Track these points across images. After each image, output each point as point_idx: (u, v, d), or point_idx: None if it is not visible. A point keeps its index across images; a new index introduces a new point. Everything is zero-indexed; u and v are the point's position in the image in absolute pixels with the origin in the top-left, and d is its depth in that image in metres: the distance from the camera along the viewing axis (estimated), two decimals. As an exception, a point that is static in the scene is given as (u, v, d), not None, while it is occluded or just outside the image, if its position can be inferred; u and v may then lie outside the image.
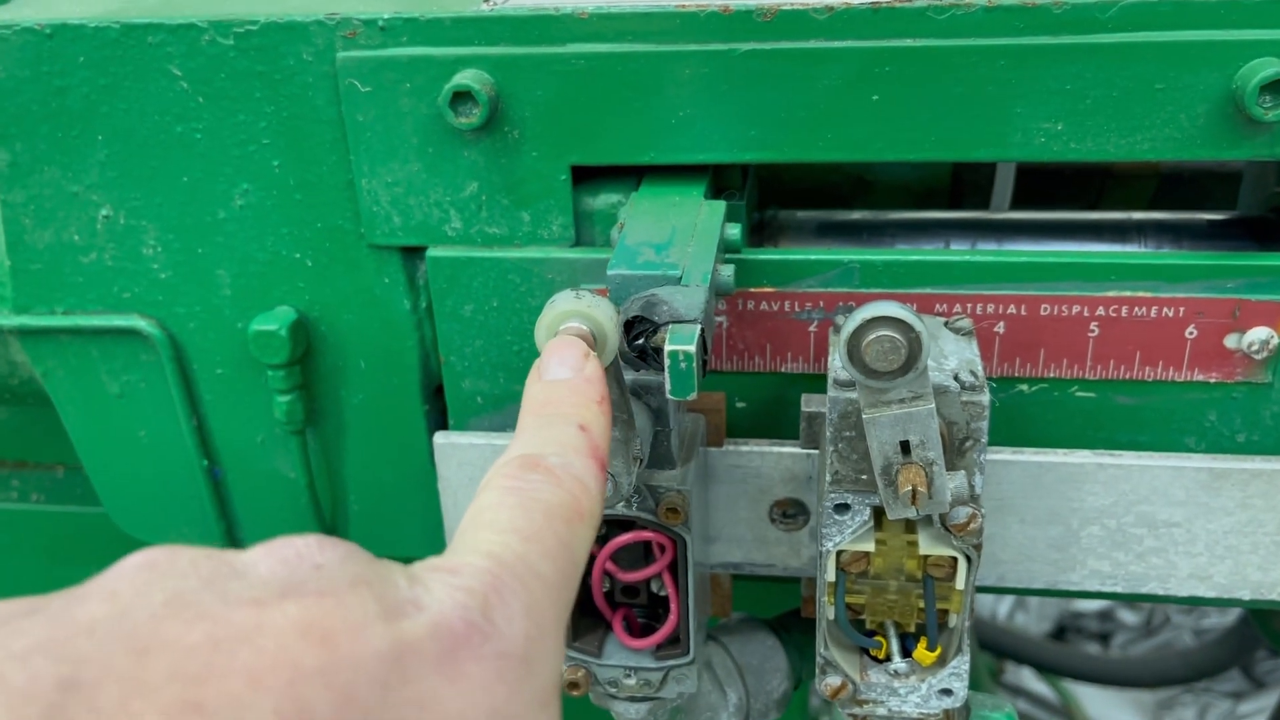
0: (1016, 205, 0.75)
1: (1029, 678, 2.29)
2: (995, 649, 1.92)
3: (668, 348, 0.40)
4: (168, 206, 0.58)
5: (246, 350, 0.60)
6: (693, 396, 0.41)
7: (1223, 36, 0.47)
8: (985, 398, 0.46)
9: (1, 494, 0.92)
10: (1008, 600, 2.52)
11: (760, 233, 0.64)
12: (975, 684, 0.57)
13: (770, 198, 0.70)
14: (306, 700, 0.27)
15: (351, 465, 0.64)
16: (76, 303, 0.61)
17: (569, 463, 0.38)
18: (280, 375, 0.59)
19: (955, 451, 0.46)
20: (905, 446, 0.43)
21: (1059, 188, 0.78)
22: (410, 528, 0.65)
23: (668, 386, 0.41)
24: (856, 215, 0.64)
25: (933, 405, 0.42)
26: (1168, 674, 1.78)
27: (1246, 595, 0.55)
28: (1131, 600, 0.58)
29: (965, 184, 0.76)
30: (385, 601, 0.30)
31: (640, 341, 0.43)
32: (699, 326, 0.41)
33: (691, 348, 0.40)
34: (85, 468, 0.67)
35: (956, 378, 0.46)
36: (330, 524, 0.66)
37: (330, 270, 0.58)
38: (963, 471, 0.45)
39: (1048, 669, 1.96)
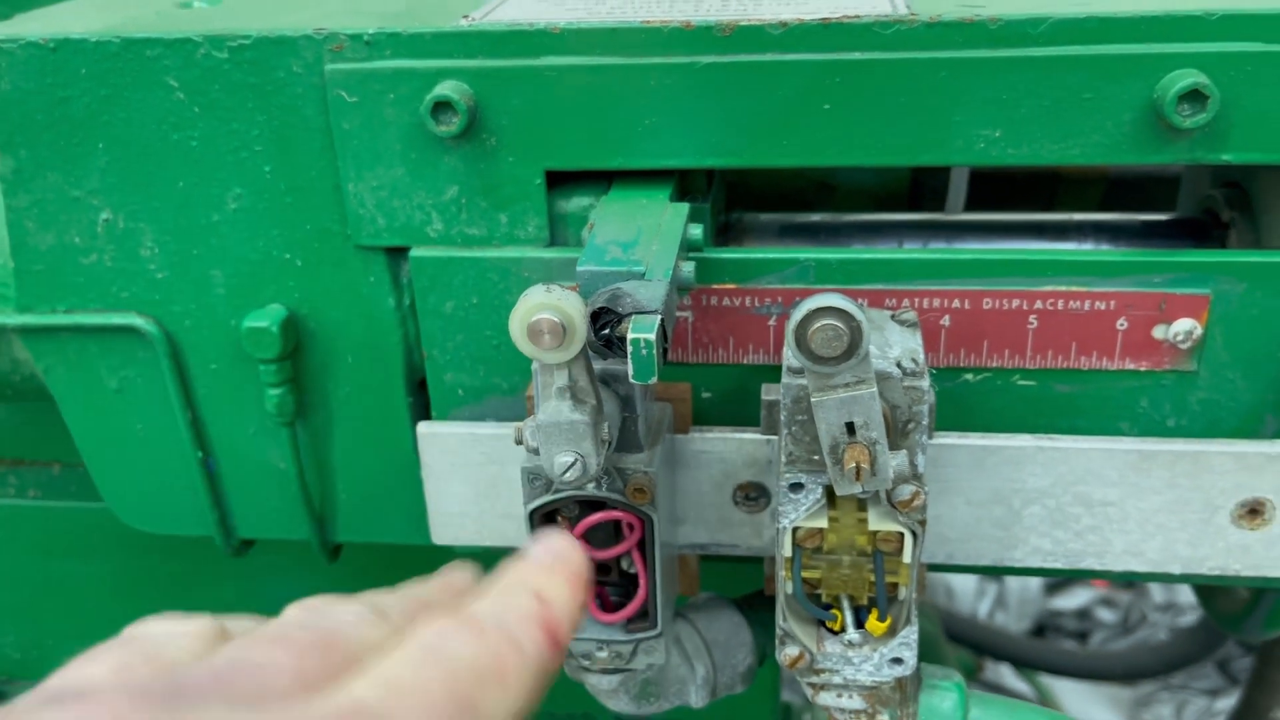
0: (973, 208, 0.80)
1: (1008, 675, 2.33)
2: (973, 645, 1.96)
3: (630, 336, 0.44)
4: (164, 210, 0.61)
5: (239, 346, 0.63)
6: (653, 381, 0.45)
7: (1144, 50, 0.51)
8: (925, 383, 0.49)
9: (-1, 490, 0.95)
10: (988, 598, 2.56)
11: (726, 234, 0.67)
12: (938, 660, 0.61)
13: (738, 201, 0.74)
14: None
15: (339, 455, 0.67)
16: (77, 302, 0.64)
17: (504, 623, 0.36)
18: (271, 370, 0.63)
19: (898, 433, 0.50)
20: (850, 428, 0.47)
21: (1014, 191, 0.82)
22: (396, 514, 0.68)
23: (630, 372, 0.45)
24: (816, 217, 0.68)
25: (875, 389, 0.46)
26: (1139, 667, 1.83)
27: (1177, 570, 0.58)
28: (1072, 576, 0.62)
29: (924, 188, 0.80)
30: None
31: (606, 331, 0.46)
32: (659, 317, 0.45)
33: (651, 335, 0.44)
34: (85, 460, 0.70)
35: (899, 365, 0.49)
36: (319, 512, 0.69)
37: (319, 270, 0.62)
38: (905, 451, 0.49)
39: (1024, 664, 2.00)
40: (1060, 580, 2.53)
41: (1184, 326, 0.55)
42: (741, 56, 0.54)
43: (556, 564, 0.40)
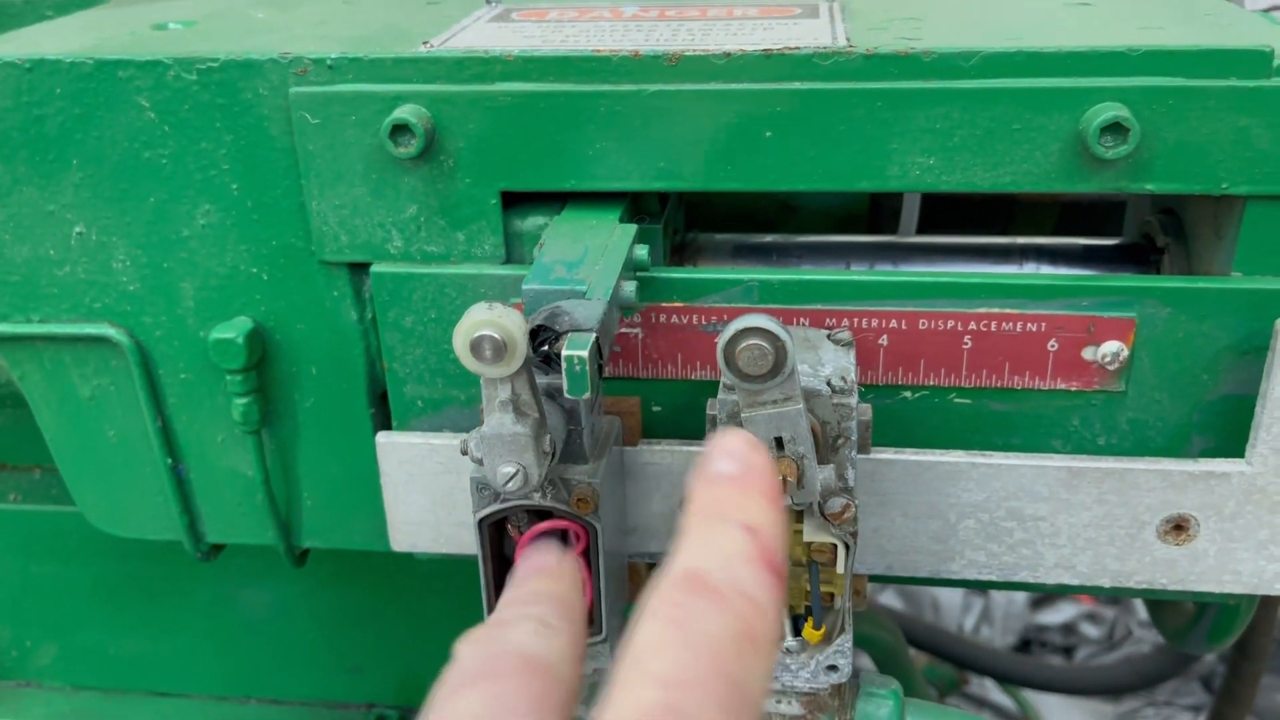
0: (931, 230, 0.82)
1: (992, 689, 2.34)
2: (956, 660, 1.98)
3: (564, 353, 0.46)
4: (136, 225, 0.63)
5: (207, 357, 0.65)
6: (587, 396, 0.47)
7: (1069, 84, 0.54)
8: (854, 400, 0.51)
9: (-20, 494, 0.97)
10: (974, 613, 2.58)
11: (681, 253, 0.70)
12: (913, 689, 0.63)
13: (700, 221, 0.77)
14: None
15: (304, 463, 0.69)
16: (51, 312, 0.66)
17: (736, 577, 0.35)
18: (238, 380, 0.65)
19: (829, 448, 0.52)
20: (779, 442, 0.49)
21: (971, 215, 0.84)
22: (358, 521, 0.70)
23: (565, 387, 0.47)
24: (769, 238, 0.70)
25: (801, 406, 0.48)
26: (1118, 682, 1.84)
27: (1107, 583, 0.60)
28: (1005, 589, 0.64)
29: (883, 210, 0.82)
30: None
31: (545, 348, 0.49)
32: (594, 335, 0.47)
33: (585, 353, 0.46)
34: (58, 466, 0.72)
35: (829, 383, 0.52)
36: (285, 519, 0.71)
37: (284, 284, 0.64)
38: (833, 465, 0.51)
39: (1006, 679, 2.01)
40: (1045, 595, 2.55)
41: (1111, 348, 0.57)
42: (687, 85, 0.56)
43: (749, 477, 0.38)
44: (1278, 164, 0.53)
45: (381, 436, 0.64)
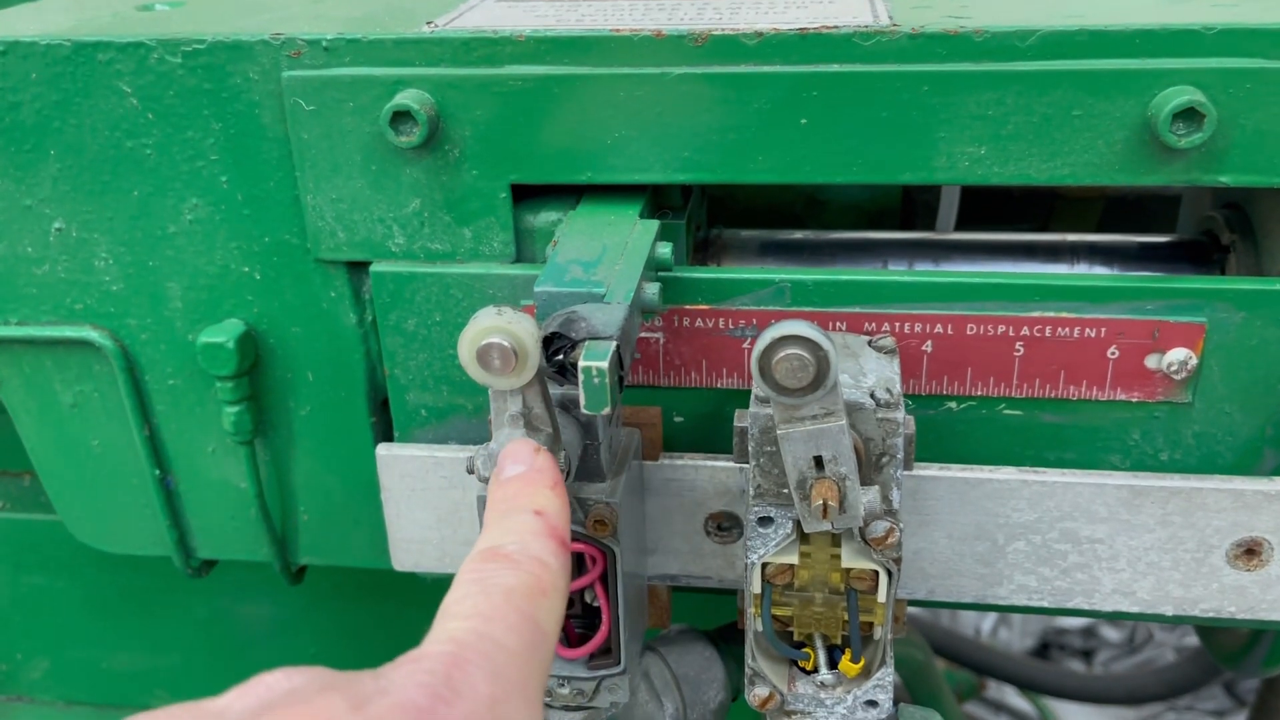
0: (966, 226, 0.77)
1: (1011, 695, 2.30)
2: (975, 666, 1.93)
3: (582, 364, 0.42)
4: (119, 220, 0.59)
5: (196, 361, 0.61)
6: (606, 411, 0.42)
7: (1137, 66, 0.49)
8: (900, 415, 0.47)
9: (-33, 502, 0.93)
10: (990, 617, 2.53)
11: (705, 250, 0.65)
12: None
13: (722, 216, 0.72)
14: None
15: (300, 476, 0.65)
16: (30, 313, 0.62)
17: (526, 546, 0.41)
18: (229, 387, 0.60)
19: (871, 467, 0.47)
20: (819, 461, 0.45)
21: (1009, 209, 0.79)
22: (358, 537, 0.66)
23: (582, 401, 0.42)
24: (798, 235, 0.65)
25: (844, 422, 0.44)
26: (1142, 691, 1.80)
27: (1170, 611, 0.56)
28: (1058, 615, 0.59)
29: (916, 204, 0.77)
30: (352, 697, 0.33)
31: (559, 357, 0.44)
32: (614, 343, 0.42)
33: (605, 364, 0.41)
34: (40, 477, 0.68)
35: (873, 395, 0.47)
36: (280, 534, 0.67)
37: (278, 284, 0.60)
38: (877, 487, 0.46)
39: (1026, 686, 1.97)
40: (1064, 598, 2.50)
41: (1178, 356, 0.52)
42: (715, 68, 0.51)
43: (534, 474, 0.44)
44: (1367, 154, 0.48)
45: (382, 448, 0.60)
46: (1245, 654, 0.73)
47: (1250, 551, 0.53)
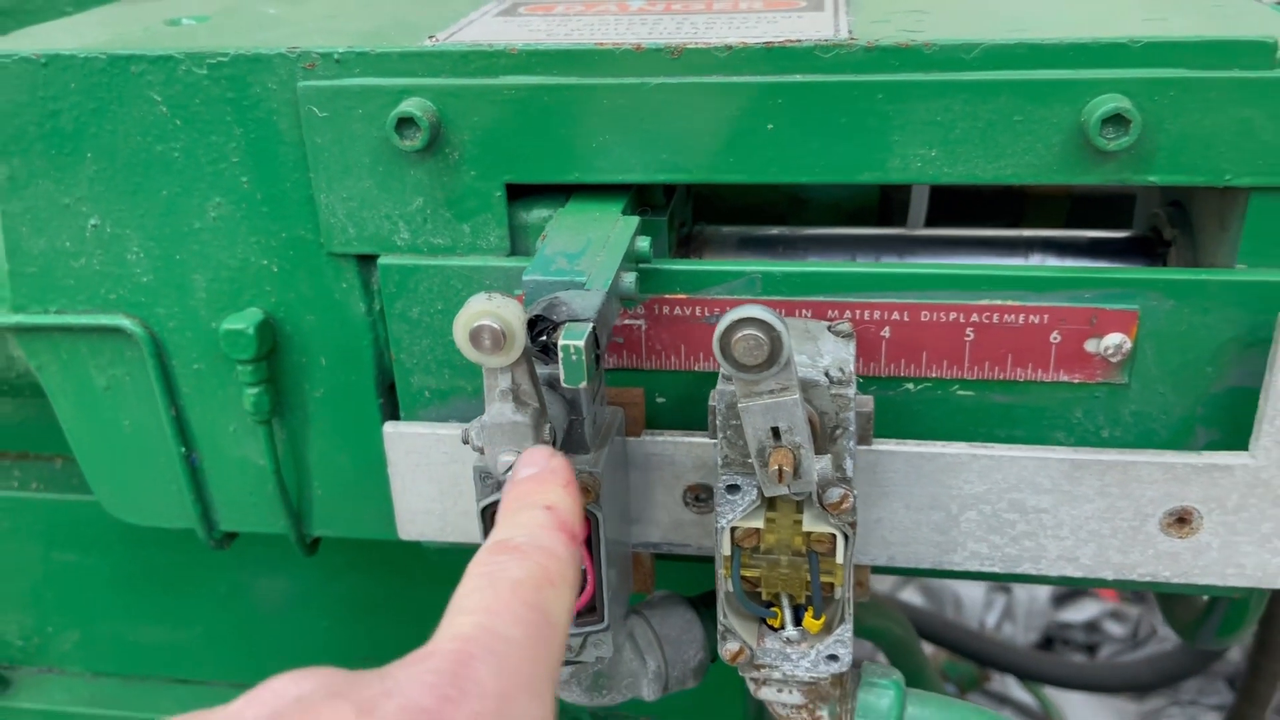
0: (941, 223, 0.82)
1: (1014, 686, 2.33)
2: (975, 656, 1.97)
3: (560, 342, 0.47)
4: (149, 217, 0.64)
5: (219, 347, 0.66)
6: (584, 385, 0.47)
7: (1071, 76, 0.54)
8: (852, 391, 0.52)
9: (3, 483, 0.99)
10: (996, 610, 2.57)
11: (688, 245, 0.70)
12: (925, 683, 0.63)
13: (711, 213, 0.77)
14: None
15: (315, 453, 0.70)
16: (67, 303, 0.67)
17: (535, 538, 0.43)
18: (248, 370, 0.66)
19: (827, 438, 0.52)
20: (776, 432, 0.50)
21: (981, 207, 0.84)
22: (368, 510, 0.71)
23: (561, 376, 0.47)
24: (775, 231, 0.70)
25: (798, 396, 0.49)
26: (1136, 679, 1.83)
27: (1110, 575, 0.60)
28: (1008, 580, 0.64)
29: (893, 202, 0.82)
30: (359, 703, 0.34)
31: (543, 338, 0.49)
32: (591, 325, 0.48)
33: (581, 343, 0.46)
34: (76, 455, 0.74)
35: (827, 374, 0.52)
36: (296, 507, 0.72)
37: (294, 276, 0.65)
38: (830, 455, 0.51)
39: (1024, 675, 2.00)
40: (1068, 592, 2.53)
41: (1114, 341, 0.57)
42: (689, 78, 0.56)
43: (547, 474, 0.47)
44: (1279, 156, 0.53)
45: (388, 427, 0.65)
46: (1201, 624, 0.78)
47: (1181, 520, 0.58)
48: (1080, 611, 2.56)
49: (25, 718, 1.03)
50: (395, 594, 0.95)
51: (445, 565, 0.90)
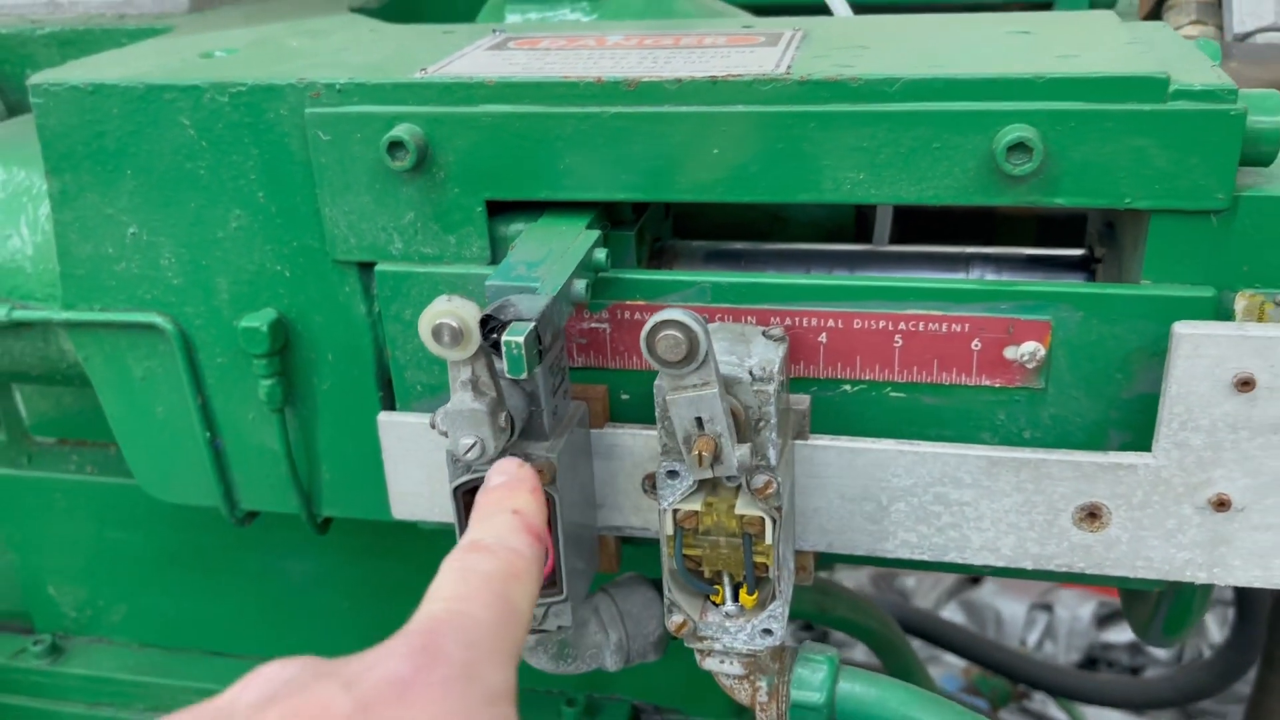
0: (912, 241, 0.87)
1: (1052, 707, 2.34)
2: (1009, 673, 1.99)
3: (504, 338, 0.54)
4: (179, 227, 0.73)
5: (239, 343, 0.75)
6: (524, 376, 0.54)
7: (982, 108, 0.59)
8: (772, 387, 0.58)
9: (62, 467, 1.09)
10: (1037, 629, 2.57)
11: (660, 257, 0.77)
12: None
13: (691, 230, 0.84)
14: None
15: (323, 440, 0.78)
16: (109, 301, 0.76)
17: (503, 539, 0.49)
18: (263, 364, 0.74)
19: (751, 429, 0.59)
20: (699, 422, 0.56)
21: (952, 227, 0.89)
22: (370, 492, 0.78)
23: (504, 368, 0.54)
24: (739, 245, 0.77)
25: (717, 390, 0.55)
26: (1157, 696, 1.83)
27: (1030, 565, 0.65)
28: (939, 569, 0.69)
29: (868, 221, 0.88)
30: (344, 679, 0.39)
31: (494, 335, 0.56)
32: (533, 324, 0.55)
33: (521, 339, 0.53)
34: (117, 439, 0.83)
35: (751, 372, 0.58)
36: (306, 489, 0.80)
37: (304, 280, 0.73)
38: (750, 444, 0.58)
39: (1050, 690, 2.02)
40: (1111, 611, 2.53)
41: (1029, 348, 0.62)
42: (643, 108, 0.63)
43: (515, 482, 0.54)
44: (1174, 181, 0.58)
45: (383, 417, 0.72)
46: (1150, 623, 0.82)
47: (1092, 515, 0.63)
48: (1123, 632, 2.55)
49: (76, 683, 1.12)
50: (409, 577, 1.03)
51: (441, 545, 0.99)
